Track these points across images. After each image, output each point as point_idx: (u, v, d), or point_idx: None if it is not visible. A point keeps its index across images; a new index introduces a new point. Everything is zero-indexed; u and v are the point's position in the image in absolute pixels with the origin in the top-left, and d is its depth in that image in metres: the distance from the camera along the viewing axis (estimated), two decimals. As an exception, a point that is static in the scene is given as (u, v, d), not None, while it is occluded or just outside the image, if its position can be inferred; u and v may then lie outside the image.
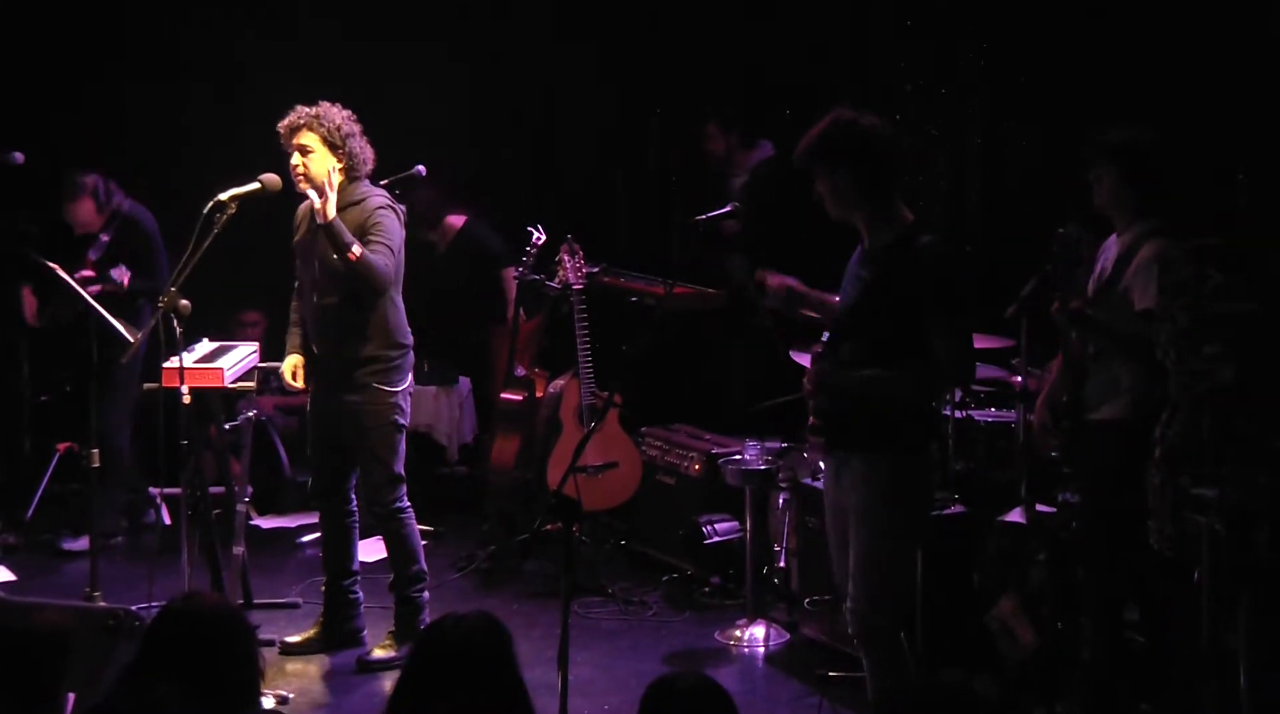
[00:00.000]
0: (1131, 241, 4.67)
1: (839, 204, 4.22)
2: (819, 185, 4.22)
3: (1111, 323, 4.65)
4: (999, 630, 5.13)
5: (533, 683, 3.11)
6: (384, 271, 5.33)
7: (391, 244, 5.37)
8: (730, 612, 6.11)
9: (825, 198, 4.23)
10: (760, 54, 7.72)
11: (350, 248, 5.24)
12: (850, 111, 4.19)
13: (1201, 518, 4.34)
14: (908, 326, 4.09)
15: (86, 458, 5.70)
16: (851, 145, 4.14)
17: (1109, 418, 4.67)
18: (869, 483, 4.17)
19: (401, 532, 5.56)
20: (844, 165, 4.15)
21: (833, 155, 4.16)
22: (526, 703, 3.06)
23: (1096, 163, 4.72)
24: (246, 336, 7.57)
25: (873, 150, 4.15)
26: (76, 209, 6.89)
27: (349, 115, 5.44)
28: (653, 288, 6.88)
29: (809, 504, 5.85)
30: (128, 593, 5.74)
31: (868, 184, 4.16)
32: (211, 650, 3.14)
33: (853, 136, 4.14)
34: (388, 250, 5.35)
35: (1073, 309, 4.65)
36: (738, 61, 7.86)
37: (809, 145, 4.20)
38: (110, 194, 6.92)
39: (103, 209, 6.90)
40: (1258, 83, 5.84)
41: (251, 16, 7.92)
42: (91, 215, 6.89)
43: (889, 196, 4.20)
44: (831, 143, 4.16)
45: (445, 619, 3.11)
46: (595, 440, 6.31)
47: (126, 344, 5.41)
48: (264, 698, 4.44)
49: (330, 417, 5.53)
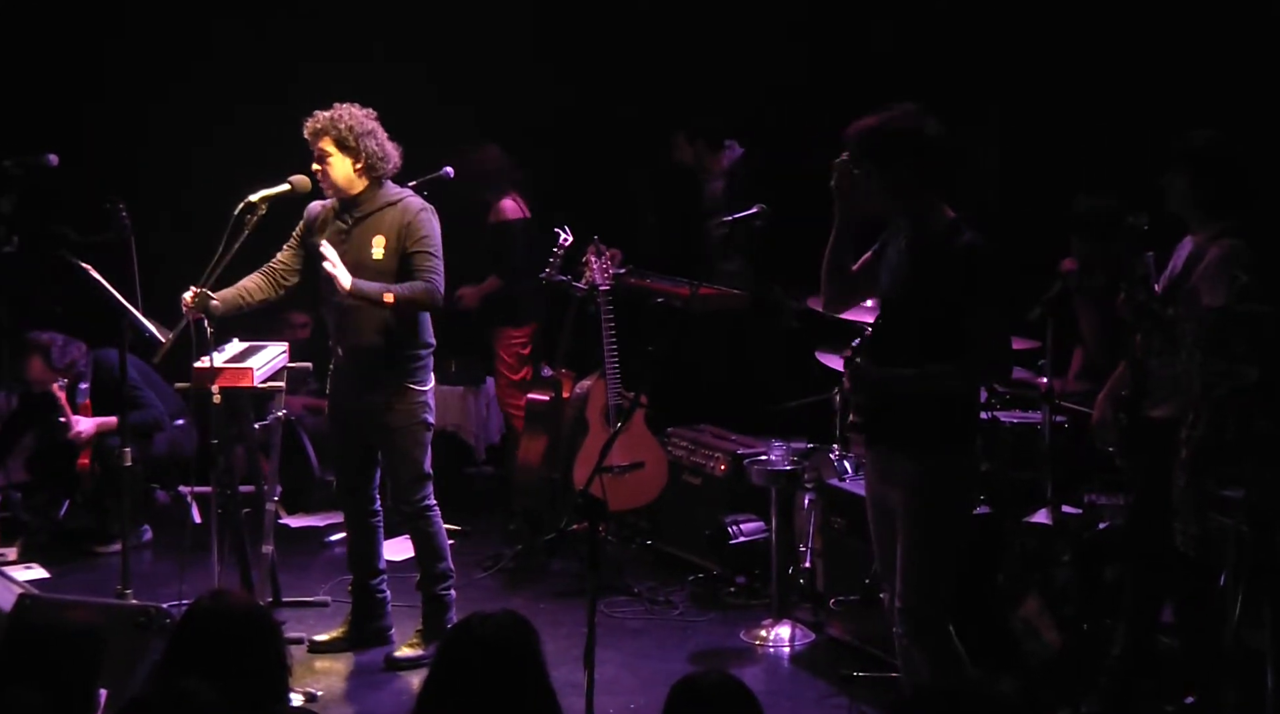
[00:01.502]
0: (1204, 241, 4.66)
1: (884, 199, 4.23)
2: (869, 179, 4.21)
3: (1176, 320, 4.63)
4: (1024, 630, 5.13)
5: (559, 682, 3.13)
6: (431, 295, 5.35)
7: (438, 253, 5.38)
8: (755, 611, 6.12)
9: (869, 190, 4.22)
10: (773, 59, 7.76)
11: (383, 297, 5.27)
12: (910, 108, 4.20)
13: (1227, 519, 4.34)
14: (948, 323, 4.11)
15: (118, 457, 5.75)
16: (907, 144, 4.16)
17: (1169, 416, 4.65)
18: (915, 480, 4.17)
19: (429, 530, 5.59)
20: (897, 163, 4.16)
21: (887, 151, 4.17)
22: (553, 701, 3.08)
23: (1168, 167, 4.73)
24: (296, 337, 7.64)
25: (924, 150, 4.16)
26: (28, 367, 6.93)
27: (367, 114, 5.39)
28: (678, 289, 6.90)
29: (834, 504, 5.86)
30: (159, 590, 5.80)
31: (918, 183, 4.18)
32: (239, 648, 3.17)
33: (906, 134, 4.16)
34: (436, 262, 5.36)
35: (1139, 302, 4.64)
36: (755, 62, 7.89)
37: (864, 138, 4.20)
38: (65, 352, 6.91)
39: (55, 366, 6.89)
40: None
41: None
42: (43, 373, 6.89)
43: (936, 195, 4.22)
44: (887, 139, 4.17)
45: (472, 618, 3.12)
46: (621, 440, 6.33)
47: (158, 345, 5.45)
48: (292, 695, 4.46)
49: (357, 417, 5.55)
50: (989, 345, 4.14)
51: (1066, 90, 6.90)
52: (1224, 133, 4.72)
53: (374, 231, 5.40)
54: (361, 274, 5.34)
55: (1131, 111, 6.55)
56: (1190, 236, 4.75)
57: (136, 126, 7.93)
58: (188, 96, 7.89)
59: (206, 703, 2.86)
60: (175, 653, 3.21)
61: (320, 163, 5.37)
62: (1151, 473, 4.69)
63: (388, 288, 5.29)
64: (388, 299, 5.27)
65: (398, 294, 5.29)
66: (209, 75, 7.97)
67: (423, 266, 5.36)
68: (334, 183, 5.37)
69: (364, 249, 5.39)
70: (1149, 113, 6.35)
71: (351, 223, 5.43)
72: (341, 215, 5.46)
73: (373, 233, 5.40)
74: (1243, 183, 4.66)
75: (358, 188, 5.39)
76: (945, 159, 4.20)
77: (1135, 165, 5.26)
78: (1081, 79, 6.84)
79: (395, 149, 5.44)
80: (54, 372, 6.91)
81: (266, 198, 5.39)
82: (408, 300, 5.31)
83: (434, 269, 5.36)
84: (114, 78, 8.03)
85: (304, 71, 7.65)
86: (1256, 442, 4.34)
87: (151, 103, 7.97)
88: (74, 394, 6.93)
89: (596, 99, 8.14)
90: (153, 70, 7.99)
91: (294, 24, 8.13)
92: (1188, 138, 4.72)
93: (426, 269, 5.36)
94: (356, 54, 7.92)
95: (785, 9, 7.78)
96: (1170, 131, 4.81)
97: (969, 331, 4.10)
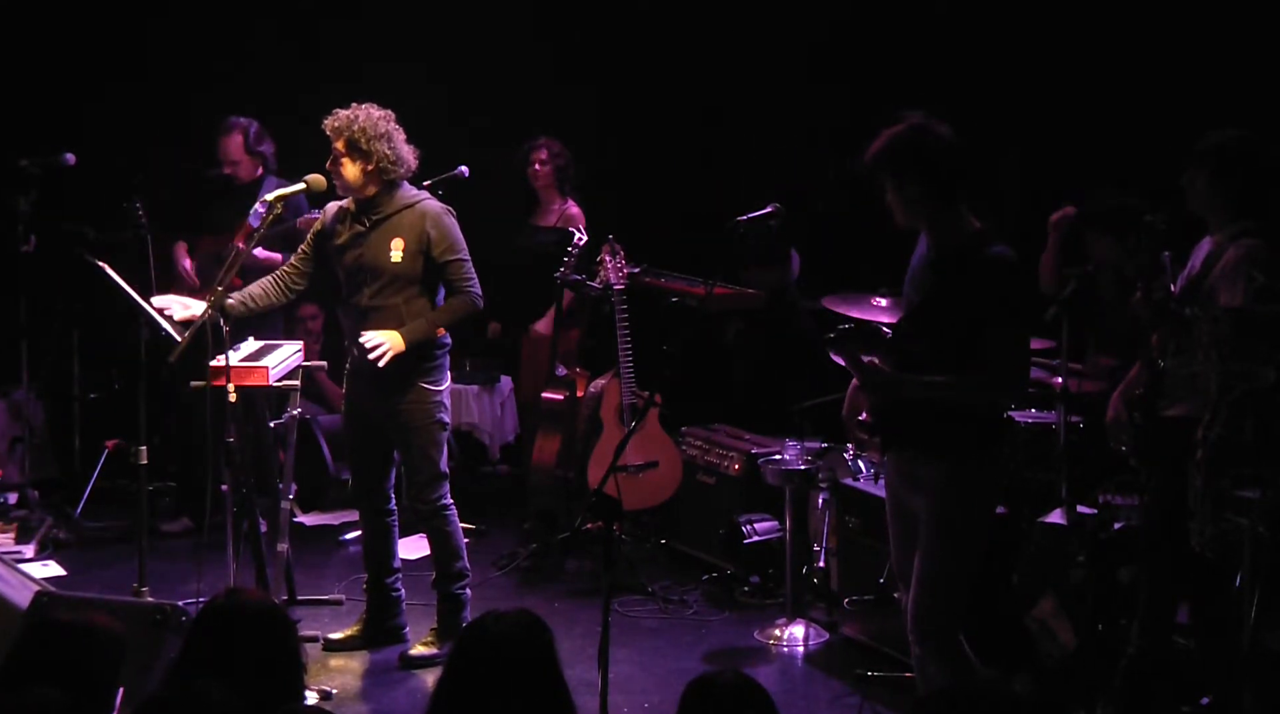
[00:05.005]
0: (1223, 241, 4.65)
1: (907, 213, 4.18)
2: (888, 195, 4.17)
3: (1194, 319, 4.61)
4: (1039, 630, 5.13)
5: (573, 680, 3.14)
6: (473, 306, 5.45)
7: (467, 255, 5.44)
8: (770, 611, 6.12)
9: (893, 206, 4.18)
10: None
11: (435, 330, 5.40)
12: (919, 120, 4.13)
13: (1243, 520, 4.33)
14: (969, 335, 4.06)
15: (134, 455, 5.77)
16: (920, 157, 4.09)
17: (1184, 415, 4.63)
18: (941, 487, 4.13)
19: (445, 529, 5.61)
20: (912, 177, 4.10)
21: (901, 166, 4.11)
22: (567, 700, 3.08)
23: (1188, 166, 4.72)
24: (306, 330, 7.66)
25: (942, 162, 4.09)
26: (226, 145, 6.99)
27: (384, 116, 5.39)
28: (693, 288, 6.90)
29: (848, 504, 5.86)
30: (176, 589, 5.82)
31: (935, 195, 4.11)
32: (254, 646, 3.19)
33: (920, 148, 4.09)
34: (468, 266, 5.42)
35: (1157, 301, 4.62)
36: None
37: (877, 155, 4.14)
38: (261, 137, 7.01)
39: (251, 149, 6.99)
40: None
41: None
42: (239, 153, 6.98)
43: (957, 206, 4.15)
44: (900, 154, 4.10)
45: (487, 617, 3.13)
46: (636, 440, 6.34)
47: (174, 343, 5.47)
48: (307, 693, 4.48)
49: (373, 417, 5.56)
50: (1006, 363, 4.08)
51: (1089, 91, 6.88)
52: (1245, 132, 4.70)
53: (392, 234, 5.41)
54: (380, 277, 5.40)
55: (1155, 111, 6.54)
56: (1209, 237, 4.74)
57: (155, 125, 7.95)
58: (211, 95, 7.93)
59: (221, 701, 2.87)
60: (191, 651, 3.23)
61: (333, 163, 5.39)
62: (1167, 473, 4.68)
63: (434, 323, 5.41)
64: (440, 332, 5.42)
65: (445, 322, 5.44)
66: (236, 75, 7.99)
67: (458, 276, 5.41)
68: (346, 183, 5.40)
69: (382, 252, 5.41)
70: (1172, 112, 6.34)
71: (369, 225, 5.44)
72: (359, 217, 5.47)
73: (391, 236, 5.41)
74: (1262, 183, 4.65)
75: (369, 190, 5.41)
76: (958, 168, 4.12)
77: (1157, 165, 5.25)
78: (1105, 79, 6.83)
79: (412, 152, 5.44)
80: (250, 155, 7.03)
81: (282, 197, 5.42)
82: (453, 319, 5.46)
83: (469, 275, 5.42)
84: (142, 74, 8.05)
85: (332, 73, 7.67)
86: (1274, 443, 4.33)
87: (174, 101, 7.99)
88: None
89: (611, 96, 8.15)
90: (175, 70, 8.02)
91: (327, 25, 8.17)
92: (1207, 137, 4.71)
93: (463, 278, 5.41)
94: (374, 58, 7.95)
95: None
96: (1193, 132, 4.80)
97: (988, 347, 4.04)
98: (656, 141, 8.00)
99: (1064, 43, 7.02)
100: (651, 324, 6.75)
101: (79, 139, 7.34)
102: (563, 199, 7.39)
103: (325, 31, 8.17)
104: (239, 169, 7.07)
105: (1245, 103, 6.09)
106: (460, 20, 8.14)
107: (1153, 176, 5.34)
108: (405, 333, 5.35)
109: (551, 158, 7.33)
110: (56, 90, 7.93)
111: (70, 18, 7.99)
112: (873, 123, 4.21)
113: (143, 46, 8.08)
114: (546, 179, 7.38)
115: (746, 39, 7.89)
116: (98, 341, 7.49)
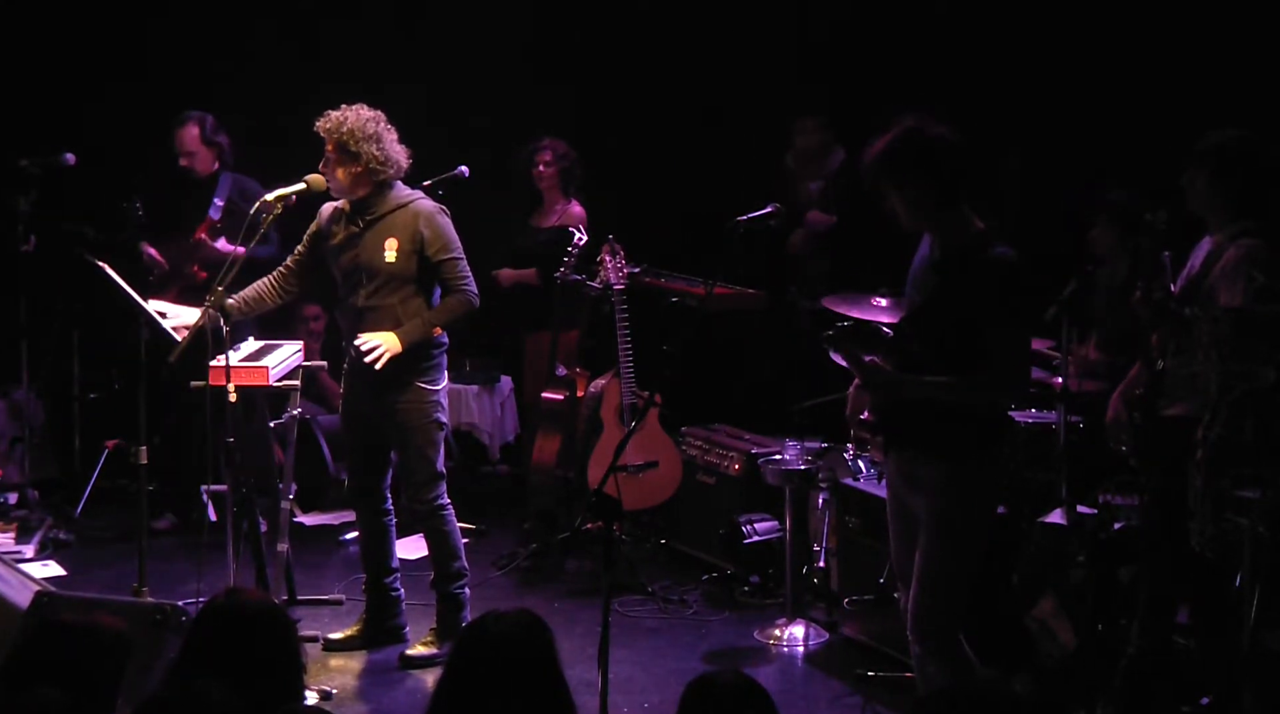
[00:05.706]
0: (1223, 241, 4.65)
1: (912, 217, 4.15)
2: (890, 200, 4.14)
3: (1194, 319, 4.61)
4: (1039, 631, 5.13)
5: (573, 680, 3.14)
6: (469, 305, 5.45)
7: (462, 254, 5.44)
8: (769, 611, 6.12)
9: (897, 210, 4.15)
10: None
11: (432, 331, 5.39)
12: (916, 122, 4.09)
13: (1243, 520, 4.33)
14: (971, 335, 4.05)
15: (134, 455, 5.77)
16: (918, 160, 4.05)
17: (1184, 415, 4.63)
18: (942, 488, 4.12)
19: (443, 529, 5.61)
20: (912, 180, 4.07)
21: (902, 170, 4.07)
22: (568, 700, 3.08)
23: (1188, 166, 4.72)
24: (309, 330, 7.66)
25: (944, 162, 4.06)
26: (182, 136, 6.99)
27: (374, 118, 5.37)
28: (693, 288, 6.90)
29: (849, 504, 5.86)
30: (176, 589, 5.82)
31: (939, 196, 4.08)
32: (254, 646, 3.18)
33: (920, 150, 4.05)
34: (463, 265, 5.42)
35: (1156, 300, 4.62)
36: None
37: (875, 161, 4.11)
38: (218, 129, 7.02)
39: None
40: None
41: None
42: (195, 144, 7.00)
43: (960, 206, 4.12)
44: (898, 158, 4.07)
45: (487, 617, 3.13)
46: (636, 440, 6.34)
47: (174, 344, 5.47)
48: (307, 693, 4.48)
49: (370, 417, 5.56)
50: (1007, 365, 4.07)
51: (1090, 91, 6.88)
52: (1245, 132, 4.70)
53: (386, 235, 5.42)
54: (375, 278, 5.41)
55: (1155, 111, 6.55)
56: (1209, 236, 4.74)
57: (155, 125, 7.95)
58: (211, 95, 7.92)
59: (221, 701, 2.87)
60: (191, 651, 3.22)
61: (325, 164, 5.40)
62: (1167, 473, 4.68)
63: (430, 323, 5.41)
64: (436, 332, 5.42)
65: (441, 322, 5.43)
66: (238, 77, 7.99)
67: (453, 275, 5.41)
68: (336, 185, 5.42)
69: (376, 253, 5.42)
70: (1172, 112, 6.34)
71: (364, 226, 5.45)
72: (354, 218, 5.48)
73: (385, 236, 5.42)
74: (1262, 183, 4.65)
75: (360, 192, 5.41)
76: (960, 168, 4.09)
77: (1157, 165, 5.25)
78: (1105, 79, 6.84)
79: (403, 152, 5.44)
80: (206, 146, 7.02)
81: (282, 197, 5.42)
82: (452, 319, 5.46)
83: (464, 274, 5.43)
84: (137, 77, 8.05)
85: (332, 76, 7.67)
86: (1274, 443, 4.33)
87: (174, 101, 7.98)
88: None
89: (607, 97, 8.15)
90: (175, 71, 8.02)
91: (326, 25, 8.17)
92: (1207, 137, 4.71)
93: (458, 277, 5.41)
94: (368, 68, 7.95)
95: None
96: (1193, 132, 4.80)
97: (989, 349, 4.03)
98: (656, 142, 7.99)
99: (1064, 43, 7.03)
100: (651, 324, 6.76)
101: (79, 139, 7.34)
102: (566, 200, 7.39)
103: (325, 31, 8.17)
104: (195, 161, 7.06)
105: (1245, 103, 6.10)
106: (460, 20, 8.15)
107: (1153, 176, 5.33)
108: (401, 334, 5.35)
109: (556, 159, 7.32)
110: (56, 90, 7.93)
111: (70, 18, 7.99)
112: (873, 123, 4.20)
113: (143, 46, 8.09)
114: (551, 180, 7.37)
115: (747, 39, 7.90)
116: (98, 341, 7.48)
